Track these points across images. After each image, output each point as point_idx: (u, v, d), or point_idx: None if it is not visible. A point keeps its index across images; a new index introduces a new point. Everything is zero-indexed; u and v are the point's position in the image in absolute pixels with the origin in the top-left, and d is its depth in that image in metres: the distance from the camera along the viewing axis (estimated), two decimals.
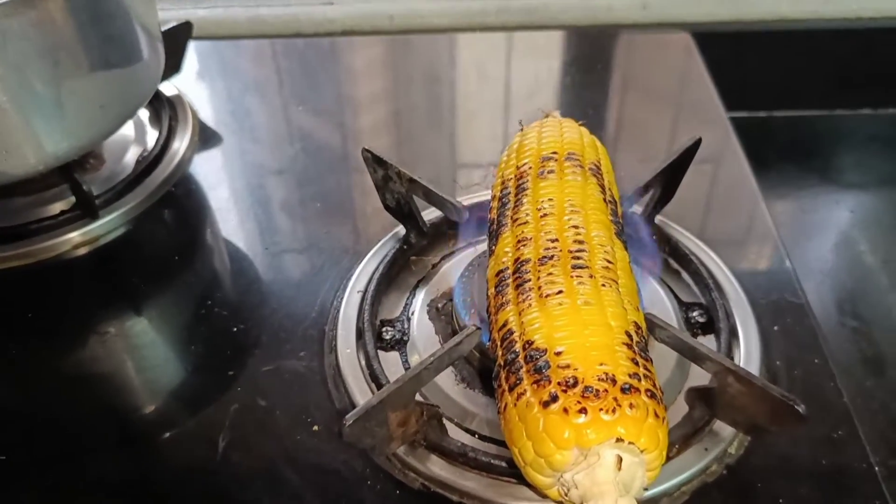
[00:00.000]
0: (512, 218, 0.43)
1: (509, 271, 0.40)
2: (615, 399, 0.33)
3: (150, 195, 0.61)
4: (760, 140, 0.99)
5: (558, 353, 0.34)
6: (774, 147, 0.96)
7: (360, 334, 0.49)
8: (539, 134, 0.48)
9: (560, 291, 0.37)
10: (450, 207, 0.52)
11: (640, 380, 0.34)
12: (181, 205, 0.62)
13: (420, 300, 0.53)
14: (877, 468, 0.43)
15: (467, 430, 0.45)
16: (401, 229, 0.56)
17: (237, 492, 0.43)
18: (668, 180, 0.54)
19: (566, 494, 0.34)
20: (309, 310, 0.52)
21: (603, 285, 0.38)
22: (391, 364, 0.48)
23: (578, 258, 0.39)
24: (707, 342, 0.50)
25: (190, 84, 0.75)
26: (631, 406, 0.32)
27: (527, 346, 0.36)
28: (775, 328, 0.51)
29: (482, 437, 0.44)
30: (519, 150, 0.48)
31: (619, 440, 0.32)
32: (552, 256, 0.39)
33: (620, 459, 0.32)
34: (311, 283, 0.54)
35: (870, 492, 0.42)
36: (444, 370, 0.43)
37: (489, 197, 0.57)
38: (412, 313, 0.52)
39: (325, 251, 0.57)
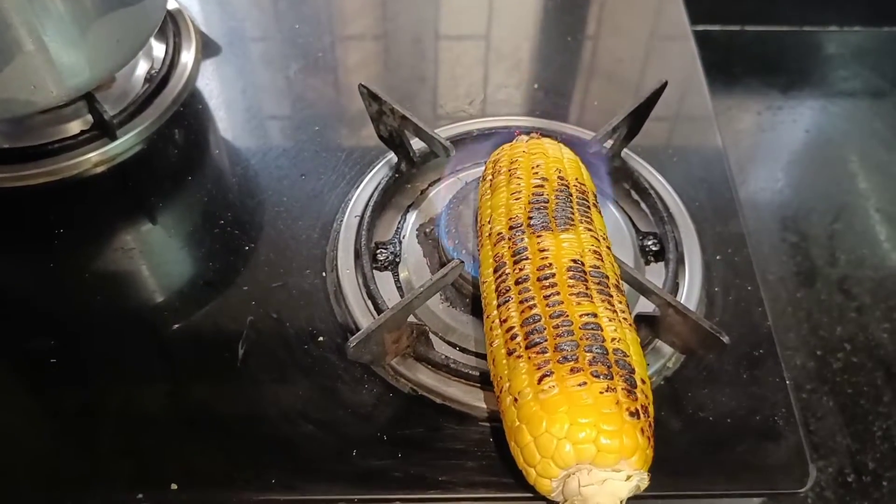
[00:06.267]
0: (580, 222, 0.47)
1: (585, 267, 0.44)
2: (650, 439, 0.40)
3: (162, 114, 0.66)
4: (731, 53, 1.03)
5: (643, 381, 0.40)
6: (743, 61, 1.00)
7: (357, 255, 0.56)
8: (574, 156, 0.53)
9: (632, 326, 0.44)
10: (438, 144, 0.58)
11: None
12: (190, 124, 0.67)
13: (410, 224, 0.59)
14: (788, 381, 0.52)
15: (450, 343, 0.53)
16: (393, 157, 0.62)
17: (255, 392, 0.51)
18: (634, 120, 0.60)
19: (577, 487, 0.38)
20: (311, 231, 0.59)
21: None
22: (385, 283, 0.56)
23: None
24: (658, 269, 0.57)
25: None
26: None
27: (617, 352, 0.40)
28: (717, 257, 0.58)
29: (462, 350, 0.53)
30: (564, 157, 0.52)
31: (648, 472, 0.39)
32: (621, 291, 0.45)
33: (638, 487, 0.39)
34: (312, 206, 0.61)
35: (780, 401, 0.51)
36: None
37: (472, 127, 0.63)
38: (403, 237, 0.59)
39: (323, 175, 0.63)
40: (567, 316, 0.41)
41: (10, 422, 0.51)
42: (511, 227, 0.47)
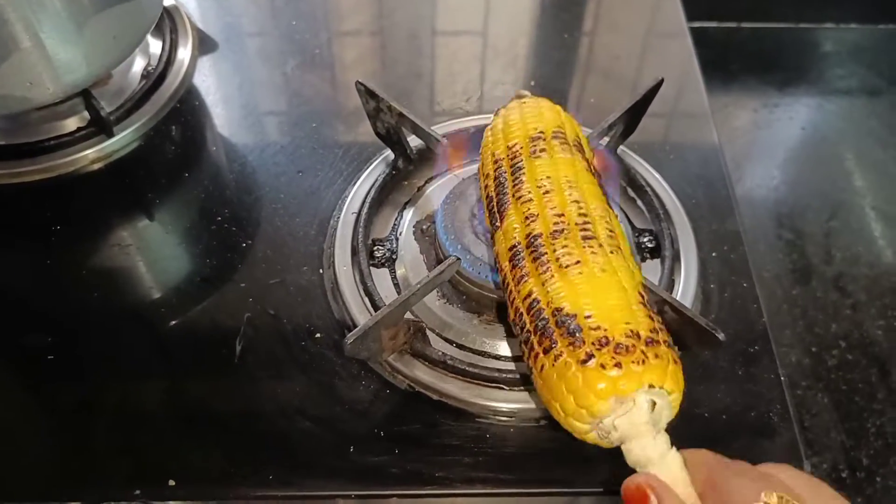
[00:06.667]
0: (514, 196, 0.47)
1: (522, 246, 0.44)
2: (642, 352, 0.38)
3: (159, 111, 0.66)
4: (728, 50, 1.04)
5: (588, 317, 0.39)
6: (740, 58, 1.01)
7: (354, 252, 0.56)
8: (521, 114, 0.52)
9: (578, 262, 0.42)
10: (434, 141, 0.58)
11: (657, 333, 0.40)
12: (187, 121, 0.67)
13: (407, 221, 0.59)
14: (783, 378, 0.52)
15: (446, 340, 0.53)
16: (390, 153, 0.62)
17: (252, 388, 0.51)
18: (631, 117, 0.60)
19: (606, 437, 0.39)
20: (308, 228, 0.59)
21: (611, 252, 0.43)
22: (382, 279, 0.56)
23: (586, 230, 0.44)
24: (653, 265, 0.58)
25: None
26: (656, 356, 0.38)
27: (556, 312, 0.40)
28: (713, 254, 0.58)
29: (459, 346, 0.53)
30: (505, 129, 0.52)
31: (650, 386, 0.38)
32: (562, 230, 0.44)
33: (654, 403, 0.39)
34: (310, 203, 0.61)
35: (775, 398, 0.51)
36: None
37: (469, 124, 0.63)
38: (400, 233, 0.59)
39: (320, 172, 0.63)
40: (520, 309, 0.43)
41: (8, 418, 0.51)
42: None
